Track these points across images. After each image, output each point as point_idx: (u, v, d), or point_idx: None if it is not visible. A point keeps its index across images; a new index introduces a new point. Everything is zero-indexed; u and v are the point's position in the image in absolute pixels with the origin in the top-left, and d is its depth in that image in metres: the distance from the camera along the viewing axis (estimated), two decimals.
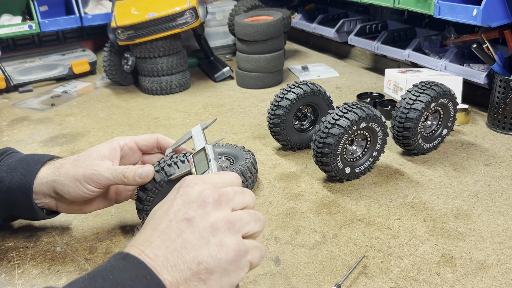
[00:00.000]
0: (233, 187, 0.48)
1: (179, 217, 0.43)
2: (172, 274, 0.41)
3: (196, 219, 0.43)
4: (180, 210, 0.44)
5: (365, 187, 0.84)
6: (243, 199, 0.47)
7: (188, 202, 0.44)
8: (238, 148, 0.88)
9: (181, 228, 0.43)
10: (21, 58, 1.63)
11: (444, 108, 0.92)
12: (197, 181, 0.47)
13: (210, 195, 0.45)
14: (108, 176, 0.64)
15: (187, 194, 0.45)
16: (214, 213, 0.44)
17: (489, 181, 0.83)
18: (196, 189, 0.45)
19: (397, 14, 1.56)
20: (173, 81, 1.39)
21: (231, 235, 0.43)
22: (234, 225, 0.44)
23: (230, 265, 0.42)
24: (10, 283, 0.64)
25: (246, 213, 0.46)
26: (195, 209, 0.44)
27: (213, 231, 0.43)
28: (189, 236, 0.42)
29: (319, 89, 0.95)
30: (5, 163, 0.67)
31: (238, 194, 0.47)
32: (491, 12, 0.99)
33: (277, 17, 1.36)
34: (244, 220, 0.45)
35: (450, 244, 0.68)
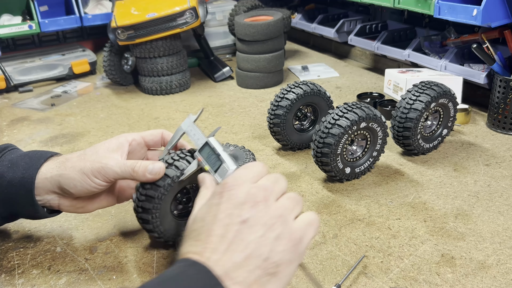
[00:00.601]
0: (267, 178, 0.50)
1: (235, 220, 0.44)
2: (243, 276, 0.42)
3: (251, 220, 0.45)
4: (233, 213, 0.45)
5: (365, 187, 0.84)
6: (279, 187, 0.50)
7: (238, 204, 0.46)
8: (238, 148, 0.88)
9: (239, 230, 0.44)
10: (21, 58, 1.63)
11: (444, 108, 0.92)
12: (237, 182, 0.48)
13: (257, 194, 0.46)
14: (116, 170, 0.63)
15: (233, 197, 0.46)
16: (266, 210, 0.46)
17: (489, 181, 0.83)
18: (241, 191, 0.47)
19: (397, 14, 1.56)
20: (173, 81, 1.39)
21: (284, 227, 0.46)
22: (284, 217, 0.46)
23: (291, 254, 0.45)
24: (10, 283, 0.64)
25: (287, 200, 0.49)
26: (249, 210, 0.45)
27: (269, 228, 0.45)
28: (249, 237, 0.44)
29: (319, 89, 0.95)
30: (6, 158, 0.66)
31: (275, 184, 0.49)
32: (491, 12, 0.99)
33: (277, 17, 1.36)
34: (289, 208, 0.48)
35: (450, 244, 0.68)
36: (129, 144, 0.67)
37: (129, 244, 0.71)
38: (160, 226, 0.65)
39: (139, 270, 0.66)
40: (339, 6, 1.83)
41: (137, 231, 0.74)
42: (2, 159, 0.66)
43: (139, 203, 0.64)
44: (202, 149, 0.61)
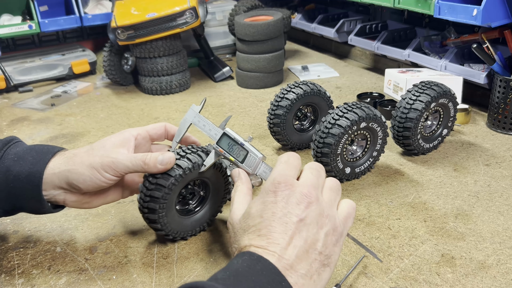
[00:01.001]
0: (310, 171, 0.54)
1: (293, 219, 0.49)
2: (306, 269, 0.47)
3: (307, 219, 0.49)
4: (291, 212, 0.49)
5: (365, 187, 0.84)
6: (321, 179, 0.54)
7: (294, 204, 0.50)
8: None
9: (298, 228, 0.49)
10: (21, 58, 1.63)
11: (444, 108, 0.92)
12: (287, 181, 0.52)
13: (309, 194, 0.51)
14: (127, 164, 0.63)
15: (289, 197, 0.50)
16: (317, 208, 0.50)
17: (489, 181, 0.83)
18: (296, 191, 0.51)
19: (397, 14, 1.56)
20: (173, 81, 1.39)
21: (331, 223, 0.51)
22: (331, 214, 0.51)
23: (337, 246, 0.51)
24: (10, 283, 0.64)
25: (330, 191, 0.54)
26: (304, 210, 0.50)
27: (321, 226, 0.50)
28: (307, 234, 0.49)
29: (319, 89, 0.95)
30: (12, 151, 0.65)
31: (318, 178, 0.54)
32: (491, 12, 0.99)
33: (277, 17, 1.36)
34: (332, 200, 0.53)
35: (450, 244, 0.68)
36: (134, 139, 0.67)
37: (129, 244, 0.71)
38: (165, 217, 0.66)
39: (139, 270, 0.66)
40: (339, 6, 1.83)
41: (137, 231, 0.74)
42: (8, 152, 0.65)
43: (148, 192, 0.63)
44: (220, 140, 0.63)
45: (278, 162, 0.56)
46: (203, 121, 0.66)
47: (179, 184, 0.64)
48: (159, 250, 0.69)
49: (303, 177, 0.54)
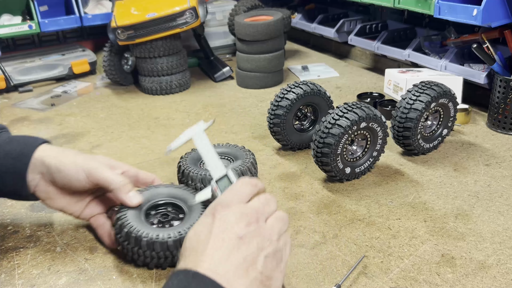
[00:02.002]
0: (258, 199, 0.52)
1: (231, 235, 0.47)
2: (245, 284, 0.45)
3: (246, 237, 0.47)
4: (228, 229, 0.47)
5: (365, 187, 0.84)
6: (269, 208, 0.52)
7: (232, 223, 0.48)
8: (238, 148, 0.87)
9: (237, 245, 0.47)
10: (21, 58, 1.63)
11: (444, 108, 0.92)
12: (227, 202, 0.50)
13: (249, 215, 0.49)
14: (105, 175, 0.66)
15: (226, 217, 0.48)
16: (257, 231, 0.49)
17: (489, 181, 0.83)
18: (234, 211, 0.49)
19: (397, 14, 1.56)
20: (173, 81, 1.39)
21: (272, 248, 0.49)
22: (273, 238, 0.49)
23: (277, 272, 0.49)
24: (10, 283, 0.64)
25: (276, 220, 0.51)
26: (243, 228, 0.48)
27: (260, 248, 0.48)
28: (246, 252, 0.47)
29: (319, 89, 0.95)
30: (4, 135, 0.70)
31: (265, 206, 0.52)
32: (491, 12, 0.99)
33: (277, 17, 1.36)
34: (276, 229, 0.51)
35: (450, 244, 0.68)
36: (122, 172, 0.69)
37: None
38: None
39: (139, 270, 0.65)
40: (339, 6, 1.83)
41: None
42: (1, 135, 0.69)
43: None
44: (221, 180, 0.60)
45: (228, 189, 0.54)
46: (205, 144, 0.63)
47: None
48: None
49: (249, 202, 0.52)
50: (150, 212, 0.69)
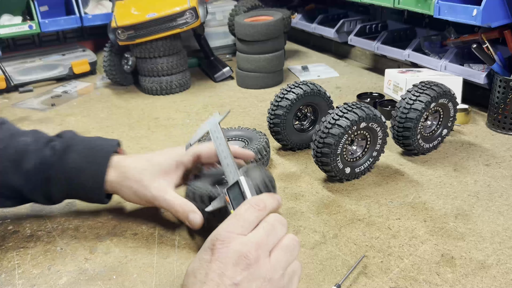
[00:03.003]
0: (263, 226, 0.49)
1: (227, 282, 0.44)
2: None
3: (243, 282, 0.45)
4: (224, 274, 0.45)
5: (365, 187, 0.84)
6: (275, 236, 0.49)
7: (229, 264, 0.45)
8: (251, 131, 0.94)
9: None
10: (21, 58, 1.64)
11: (444, 108, 0.92)
12: (228, 236, 0.47)
13: (249, 254, 0.46)
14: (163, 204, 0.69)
15: (225, 255, 0.46)
16: (257, 271, 0.46)
17: (489, 181, 0.83)
18: (233, 249, 0.46)
19: (397, 14, 1.56)
20: (173, 81, 1.39)
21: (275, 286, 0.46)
22: (275, 276, 0.46)
23: None
24: (10, 283, 0.64)
25: (280, 253, 0.48)
26: (240, 273, 0.45)
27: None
28: None
29: (319, 89, 0.95)
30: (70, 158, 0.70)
31: (270, 234, 0.48)
32: (491, 12, 0.99)
33: (277, 17, 1.36)
34: (281, 264, 0.47)
35: (450, 244, 0.68)
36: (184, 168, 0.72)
37: (129, 244, 0.71)
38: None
39: (139, 270, 0.66)
40: (339, 6, 1.83)
41: (137, 231, 0.74)
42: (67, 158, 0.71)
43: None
44: (232, 188, 0.58)
45: (231, 215, 0.51)
46: (219, 138, 0.63)
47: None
48: (159, 250, 0.69)
49: (252, 232, 0.48)
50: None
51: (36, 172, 0.69)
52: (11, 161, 0.69)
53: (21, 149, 0.70)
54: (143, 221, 0.77)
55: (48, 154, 0.70)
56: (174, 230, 0.74)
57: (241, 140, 0.94)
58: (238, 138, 0.94)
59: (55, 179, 0.70)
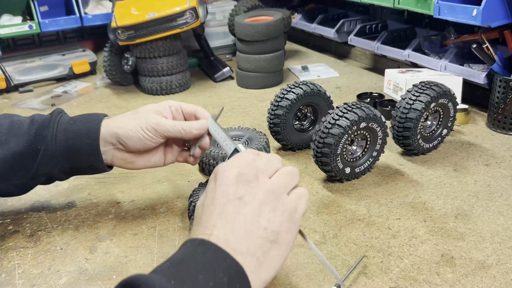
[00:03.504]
0: (259, 157, 0.52)
1: (230, 197, 0.48)
2: (246, 246, 0.45)
3: (246, 196, 0.48)
4: (227, 192, 0.48)
5: (365, 187, 0.84)
6: (272, 165, 0.52)
7: (231, 184, 0.48)
8: (251, 131, 0.95)
9: (236, 206, 0.47)
10: (22, 58, 1.64)
11: (444, 108, 0.92)
12: (228, 165, 0.51)
13: (249, 172, 0.49)
14: (168, 128, 0.71)
15: (226, 178, 0.49)
16: (258, 186, 0.49)
17: (489, 181, 0.83)
18: (232, 172, 0.49)
19: (397, 14, 1.56)
20: (173, 81, 1.39)
21: (278, 200, 0.49)
22: (277, 191, 0.49)
23: (288, 222, 0.49)
24: (11, 283, 0.64)
25: (281, 174, 0.52)
26: (242, 188, 0.48)
27: (263, 202, 0.48)
28: (246, 211, 0.47)
29: (319, 89, 0.95)
30: (65, 117, 0.74)
31: (267, 163, 0.52)
32: (491, 12, 0.99)
33: (277, 17, 1.36)
34: (282, 182, 0.51)
35: (450, 244, 0.68)
36: (169, 108, 0.75)
37: (129, 244, 0.71)
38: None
39: (139, 270, 0.66)
40: (339, 6, 1.83)
41: (137, 231, 0.74)
42: (62, 117, 0.73)
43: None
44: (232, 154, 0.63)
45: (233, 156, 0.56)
46: (219, 132, 0.70)
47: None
48: (159, 250, 0.69)
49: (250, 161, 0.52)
50: None
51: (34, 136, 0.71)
52: (9, 131, 0.71)
53: (17, 121, 0.73)
54: (143, 221, 0.77)
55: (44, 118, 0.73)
56: (174, 230, 0.74)
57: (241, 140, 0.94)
58: (238, 138, 0.94)
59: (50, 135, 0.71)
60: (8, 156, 0.70)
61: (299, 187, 0.53)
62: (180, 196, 0.84)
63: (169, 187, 0.87)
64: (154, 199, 0.83)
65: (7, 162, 0.70)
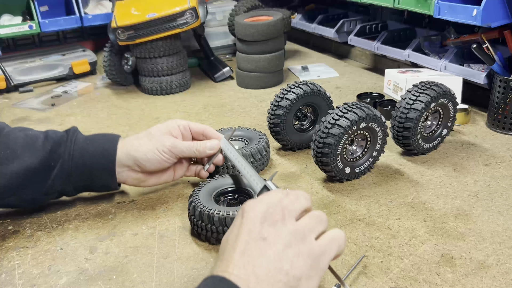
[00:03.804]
0: (287, 196, 0.51)
1: (254, 237, 0.47)
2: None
3: (270, 237, 0.47)
4: (252, 230, 0.47)
5: (365, 187, 0.84)
6: (300, 205, 0.51)
7: (257, 223, 0.48)
8: (251, 131, 0.95)
9: (259, 247, 0.46)
10: (22, 58, 1.63)
11: (444, 108, 0.92)
12: (256, 203, 0.50)
13: (275, 212, 0.49)
14: (183, 149, 0.76)
15: (253, 216, 0.49)
16: (284, 228, 0.48)
17: (489, 181, 0.83)
18: (260, 210, 0.49)
19: (397, 14, 1.56)
20: (173, 81, 1.39)
21: (303, 243, 0.48)
22: (303, 235, 0.48)
23: (311, 270, 0.47)
24: (11, 283, 0.64)
25: (309, 218, 0.51)
26: (267, 229, 0.47)
27: (288, 245, 0.47)
28: (269, 252, 0.46)
29: (319, 89, 0.95)
30: (80, 136, 0.77)
31: (295, 203, 0.51)
32: (491, 12, 0.99)
33: (277, 17, 1.36)
34: (309, 226, 0.49)
35: (450, 244, 0.68)
36: (178, 127, 0.79)
37: (129, 244, 0.71)
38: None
39: (139, 270, 0.66)
40: (339, 6, 1.83)
41: (137, 231, 0.74)
42: (78, 136, 0.76)
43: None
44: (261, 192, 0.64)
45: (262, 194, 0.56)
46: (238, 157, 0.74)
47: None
48: (159, 250, 0.70)
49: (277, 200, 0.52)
50: (219, 198, 0.76)
51: (49, 153, 0.73)
52: (24, 146, 0.73)
53: (32, 135, 0.75)
54: (143, 221, 0.77)
55: (59, 135, 0.76)
56: (174, 230, 0.74)
57: (241, 140, 0.94)
58: (238, 138, 0.94)
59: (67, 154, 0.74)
60: (21, 171, 0.71)
61: (333, 229, 0.51)
62: (180, 196, 0.84)
63: (169, 187, 0.87)
64: (154, 199, 0.83)
65: (19, 176, 0.71)
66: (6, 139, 0.73)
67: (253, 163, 0.87)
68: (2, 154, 0.71)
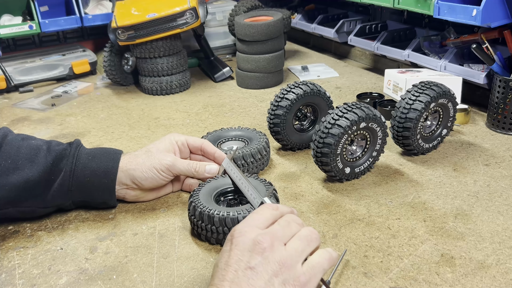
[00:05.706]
0: (278, 222, 0.53)
1: (242, 266, 0.48)
2: None
3: (258, 266, 0.48)
4: (241, 259, 0.49)
5: (365, 187, 0.84)
6: (290, 230, 0.52)
7: (246, 250, 0.49)
8: (251, 131, 0.95)
9: (247, 276, 0.48)
10: (22, 58, 1.63)
11: (443, 108, 0.92)
12: (245, 228, 0.52)
13: (263, 241, 0.50)
14: (181, 168, 0.77)
15: (241, 243, 0.50)
16: (272, 256, 0.49)
17: (489, 181, 0.84)
18: (249, 237, 0.50)
19: (397, 14, 1.56)
20: (173, 81, 1.39)
21: (290, 272, 0.49)
22: (291, 261, 0.50)
23: None
24: (11, 283, 0.64)
25: (298, 241, 0.52)
26: (255, 257, 0.49)
27: (275, 274, 0.48)
28: (257, 282, 0.47)
29: (319, 89, 0.95)
30: (83, 151, 0.76)
31: (285, 228, 0.52)
32: (491, 12, 0.99)
33: (277, 17, 1.36)
34: (298, 251, 0.51)
35: (449, 244, 0.68)
36: (176, 143, 0.80)
37: (129, 244, 0.71)
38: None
39: (139, 270, 0.66)
40: (339, 6, 1.83)
41: (137, 231, 0.75)
42: (81, 151, 0.76)
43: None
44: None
45: (249, 214, 0.56)
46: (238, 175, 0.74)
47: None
48: (159, 250, 0.70)
49: (268, 227, 0.53)
50: (219, 198, 0.76)
51: (51, 167, 0.73)
52: (25, 157, 0.72)
53: (34, 145, 0.74)
54: (143, 221, 0.77)
55: (62, 148, 0.75)
56: (174, 230, 0.74)
57: (241, 140, 0.94)
58: (238, 138, 0.94)
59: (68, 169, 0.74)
60: (21, 183, 0.71)
61: (320, 251, 0.53)
62: (180, 196, 0.84)
63: None
64: (154, 199, 0.83)
65: (18, 189, 0.71)
66: (8, 148, 0.72)
67: (253, 163, 0.87)
68: (3, 165, 0.71)
